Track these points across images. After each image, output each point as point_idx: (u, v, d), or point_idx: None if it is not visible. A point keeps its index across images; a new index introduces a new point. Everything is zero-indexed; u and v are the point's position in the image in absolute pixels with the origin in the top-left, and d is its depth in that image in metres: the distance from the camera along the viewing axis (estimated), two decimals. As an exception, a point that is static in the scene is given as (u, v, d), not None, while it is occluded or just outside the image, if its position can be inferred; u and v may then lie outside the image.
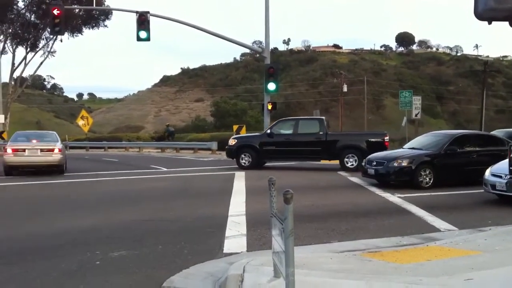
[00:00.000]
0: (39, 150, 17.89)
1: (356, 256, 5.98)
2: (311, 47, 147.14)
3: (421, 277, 4.94)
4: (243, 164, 19.59)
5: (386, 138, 18.73)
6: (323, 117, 20.90)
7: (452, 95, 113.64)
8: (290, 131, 19.72)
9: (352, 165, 18.43)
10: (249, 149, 19.77)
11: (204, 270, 5.76)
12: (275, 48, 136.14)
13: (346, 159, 18.61)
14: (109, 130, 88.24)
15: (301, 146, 19.28)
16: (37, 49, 48.30)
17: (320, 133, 19.11)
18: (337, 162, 19.24)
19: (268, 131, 20.28)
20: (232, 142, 20.54)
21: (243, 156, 19.72)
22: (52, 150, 18.09)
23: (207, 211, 9.98)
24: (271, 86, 25.06)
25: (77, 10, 43.77)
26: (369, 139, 19.00)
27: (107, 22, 47.96)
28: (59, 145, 18.54)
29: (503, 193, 10.48)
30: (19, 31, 46.89)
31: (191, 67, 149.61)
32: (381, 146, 18.23)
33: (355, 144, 18.79)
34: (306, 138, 19.21)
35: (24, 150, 17.81)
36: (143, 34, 23.47)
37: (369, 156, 14.99)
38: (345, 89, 59.71)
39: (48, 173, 17.76)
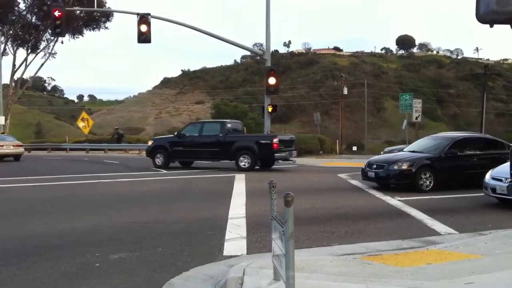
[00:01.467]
0: (11, 146, 28.40)
1: (356, 260, 5.97)
2: (311, 50, 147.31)
3: (421, 281, 4.93)
4: (157, 163, 21.54)
5: (275, 140, 19.97)
6: (226, 120, 22.67)
7: (453, 98, 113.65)
8: (196, 133, 21.40)
9: (245, 165, 19.83)
10: (162, 149, 21.66)
11: (204, 272, 5.75)
12: (276, 51, 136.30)
13: (240, 159, 19.99)
14: (109, 132, 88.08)
15: (204, 147, 20.87)
16: (38, 51, 48.37)
17: (220, 135, 20.65)
18: (335, 164, 19.48)
19: (176, 133, 22.52)
20: (149, 143, 23.22)
21: (157, 156, 21.65)
22: (18, 145, 29.04)
23: (207, 213, 9.98)
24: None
25: (78, 12, 43.83)
26: (259, 141, 20.26)
27: (107, 24, 48.00)
28: (19, 143, 29.61)
29: (504, 196, 10.47)
30: (20, 33, 46.94)
31: (191, 69, 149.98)
32: (270, 148, 19.86)
33: (248, 146, 20.15)
34: (208, 139, 20.83)
35: (2, 145, 27.76)
36: (143, 36, 23.49)
37: (370, 159, 15.00)
38: (345, 91, 59.59)
39: (46, 174, 17.86)
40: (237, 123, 22.82)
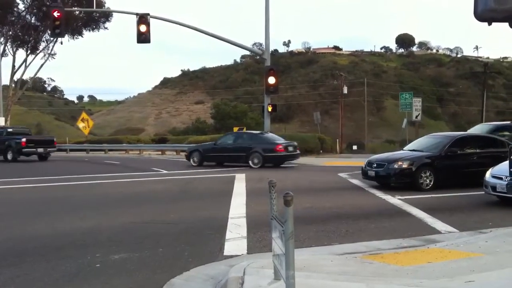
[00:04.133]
0: None
1: (356, 259, 5.97)
2: (311, 49, 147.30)
3: (421, 280, 4.93)
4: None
5: (23, 140, 28.01)
6: (8, 126, 34.03)
7: (453, 96, 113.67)
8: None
9: (10, 158, 27.61)
10: None
11: (205, 272, 5.75)
12: (275, 50, 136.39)
13: (7, 154, 27.79)
14: (109, 133, 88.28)
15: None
16: (38, 52, 48.28)
17: (4, 135, 29.07)
18: (335, 163, 19.48)
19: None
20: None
21: None
22: None
23: (207, 213, 9.98)
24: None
25: (77, 12, 43.82)
26: (16, 140, 28.01)
27: (107, 24, 47.87)
28: None
29: (504, 195, 10.46)
30: (20, 34, 46.89)
31: (191, 69, 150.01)
32: (20, 145, 27.62)
33: (10, 144, 27.79)
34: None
35: None
36: (143, 36, 23.49)
37: (370, 158, 14.99)
38: (345, 91, 59.55)
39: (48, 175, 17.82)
40: (22, 128, 32.31)
